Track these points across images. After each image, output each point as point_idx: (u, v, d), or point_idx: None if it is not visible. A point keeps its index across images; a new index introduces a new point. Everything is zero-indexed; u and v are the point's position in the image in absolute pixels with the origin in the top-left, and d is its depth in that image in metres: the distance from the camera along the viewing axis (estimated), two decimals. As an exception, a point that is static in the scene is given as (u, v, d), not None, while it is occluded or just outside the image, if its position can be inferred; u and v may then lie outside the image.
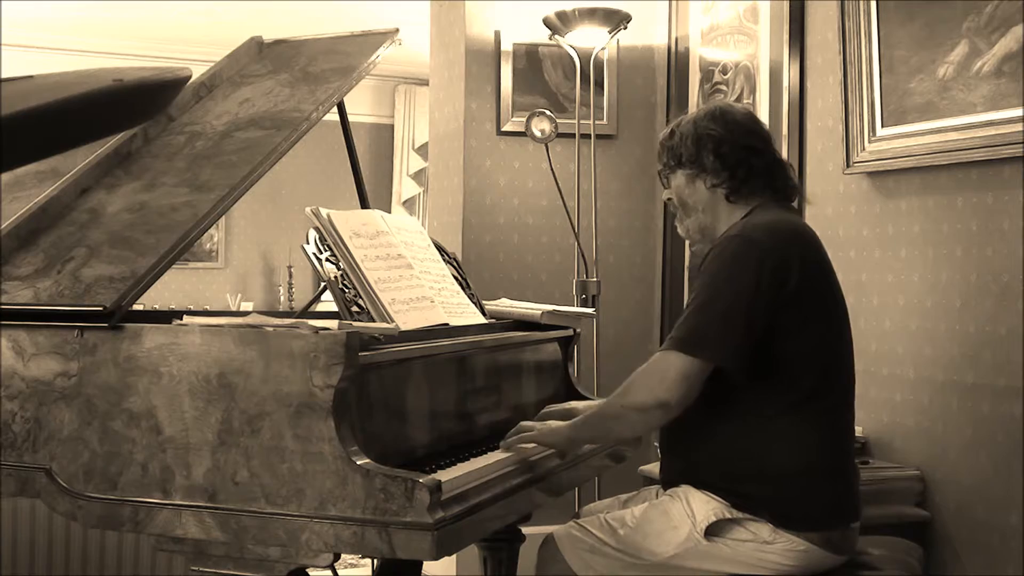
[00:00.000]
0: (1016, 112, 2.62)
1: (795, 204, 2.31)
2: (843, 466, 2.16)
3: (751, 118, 2.28)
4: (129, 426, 1.85)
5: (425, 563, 3.04)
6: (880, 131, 3.08)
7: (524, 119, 3.71)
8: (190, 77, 2.31)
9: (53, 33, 7.26)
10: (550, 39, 3.89)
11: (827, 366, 2.13)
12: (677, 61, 4.18)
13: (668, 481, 2.24)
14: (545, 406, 2.48)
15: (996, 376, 2.72)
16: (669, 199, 2.32)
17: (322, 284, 2.19)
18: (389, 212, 5.21)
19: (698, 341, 2.04)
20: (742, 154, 2.20)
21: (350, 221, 2.24)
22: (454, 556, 3.70)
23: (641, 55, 4.27)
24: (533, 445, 2.21)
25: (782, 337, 2.06)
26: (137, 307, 2.38)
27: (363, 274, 2.17)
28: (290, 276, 8.13)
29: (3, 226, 2.14)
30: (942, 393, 2.89)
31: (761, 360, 2.06)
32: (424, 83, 7.10)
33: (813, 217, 3.36)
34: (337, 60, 2.59)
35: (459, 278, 2.59)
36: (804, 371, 2.09)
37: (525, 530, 2.72)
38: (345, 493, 1.72)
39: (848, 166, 3.19)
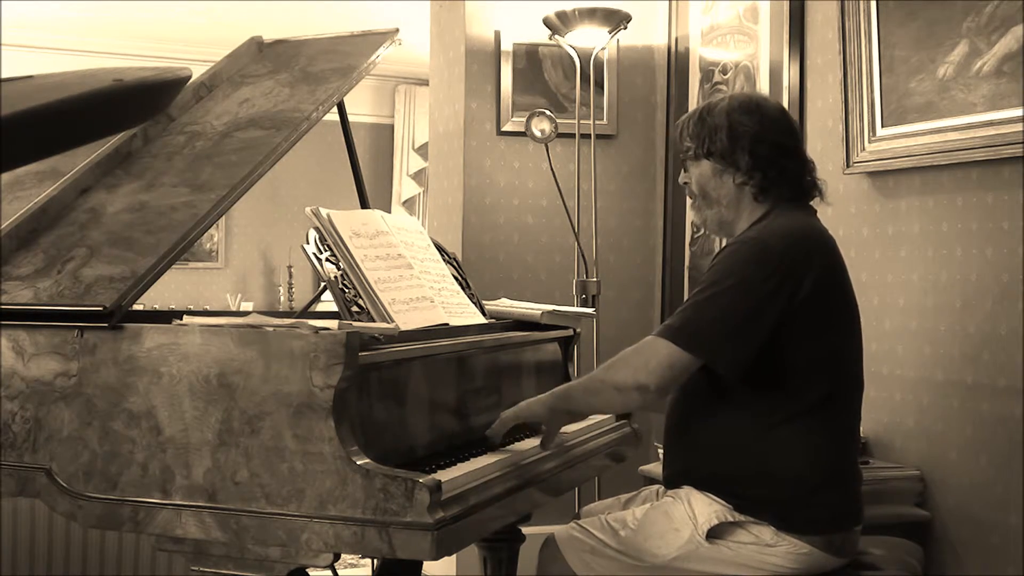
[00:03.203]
0: (1016, 112, 2.62)
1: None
2: (847, 471, 2.16)
3: (784, 114, 2.24)
4: (129, 426, 1.85)
5: (425, 563, 3.04)
6: (880, 131, 3.08)
7: (524, 119, 3.71)
8: (190, 77, 2.30)
9: (53, 33, 7.26)
10: (550, 39, 3.90)
11: (836, 374, 2.11)
12: (677, 61, 4.19)
13: (670, 478, 2.23)
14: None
15: (996, 376, 2.72)
16: (686, 184, 2.28)
17: (322, 284, 2.19)
18: (389, 212, 5.21)
19: (691, 335, 2.03)
20: (777, 154, 2.16)
21: (350, 221, 2.24)
22: (454, 556, 3.70)
23: (641, 55, 4.27)
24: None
25: (792, 345, 2.05)
26: (137, 307, 2.38)
27: (363, 274, 2.17)
28: (290, 276, 8.13)
29: (3, 226, 2.13)
30: (942, 393, 2.89)
31: (770, 367, 2.05)
32: (424, 83, 7.10)
33: (813, 217, 3.36)
34: (337, 60, 2.59)
35: (459, 278, 2.59)
36: (813, 379, 2.07)
37: (525, 530, 2.72)
38: (345, 493, 1.71)
39: (848, 166, 3.19)
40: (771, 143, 2.16)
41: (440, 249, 2.60)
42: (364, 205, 2.78)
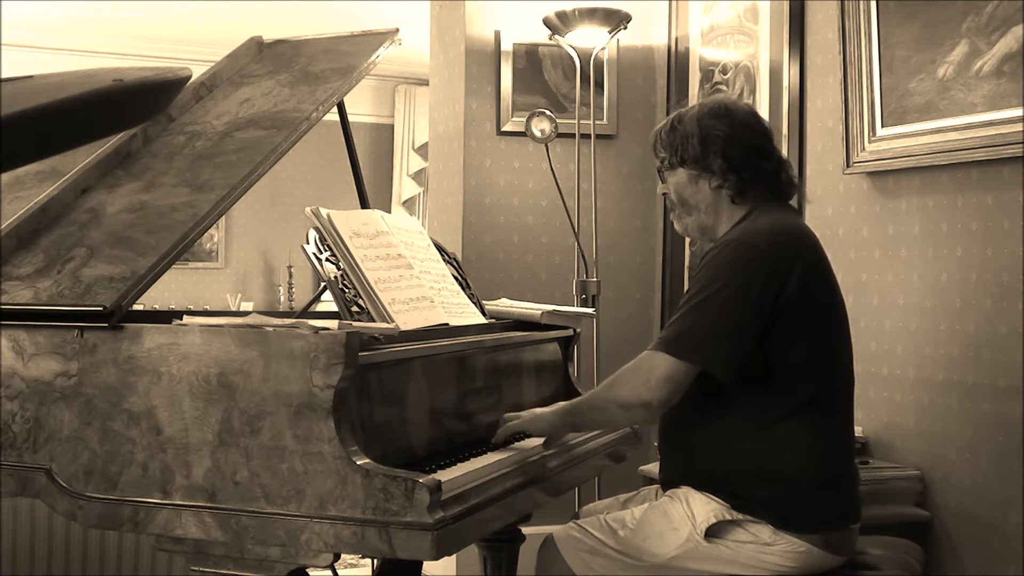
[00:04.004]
0: (1016, 112, 2.62)
1: (795, 202, 2.30)
2: (844, 469, 2.16)
3: (754, 116, 2.25)
4: (129, 426, 1.85)
5: (425, 563, 3.04)
6: (880, 131, 3.08)
7: (524, 119, 3.71)
8: (190, 77, 2.30)
9: (53, 33, 7.26)
10: (550, 39, 3.89)
11: (827, 371, 2.12)
12: (677, 61, 4.19)
13: (667, 482, 2.24)
14: (544, 406, 2.48)
15: (996, 376, 2.72)
16: (665, 194, 2.30)
17: (322, 284, 2.19)
18: (389, 212, 5.21)
19: (686, 344, 2.04)
20: (749, 156, 2.17)
21: (350, 221, 2.24)
22: (454, 556, 3.70)
23: (641, 55, 4.27)
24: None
25: (781, 343, 2.05)
26: (137, 307, 2.38)
27: (363, 274, 2.17)
28: (290, 276, 8.13)
29: (3, 226, 2.14)
30: (942, 393, 2.89)
31: (761, 366, 2.05)
32: (424, 83, 7.10)
33: (813, 217, 3.36)
34: (337, 60, 2.59)
35: (459, 278, 2.59)
36: (804, 376, 2.08)
37: (525, 530, 2.72)
38: (345, 493, 1.72)
39: (848, 166, 3.19)
40: (743, 145, 2.17)
41: (440, 249, 2.60)
42: (364, 205, 2.78)
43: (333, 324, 1.80)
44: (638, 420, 2.22)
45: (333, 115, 2.56)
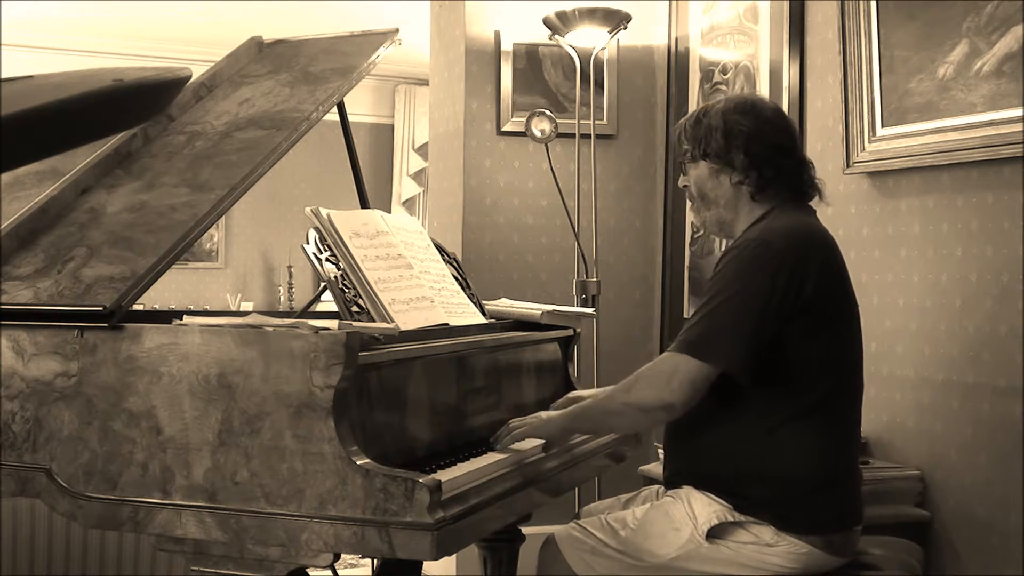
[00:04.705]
0: (1016, 112, 2.62)
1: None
2: (847, 471, 2.16)
3: (780, 114, 2.24)
4: (129, 426, 1.85)
5: (425, 563, 3.04)
6: (880, 131, 3.08)
7: (524, 119, 3.71)
8: (190, 77, 2.30)
9: (53, 33, 7.26)
10: (550, 39, 3.90)
11: (838, 374, 2.11)
12: (677, 61, 4.19)
13: (670, 480, 2.23)
14: (544, 406, 2.48)
15: (996, 376, 2.72)
16: (686, 186, 2.29)
17: (322, 284, 2.19)
18: (389, 212, 5.21)
19: (708, 345, 2.03)
20: (771, 153, 2.16)
21: (350, 221, 2.24)
22: (454, 556, 3.70)
23: (641, 55, 4.27)
24: (529, 444, 2.21)
25: (795, 344, 2.05)
26: (137, 307, 2.38)
27: (363, 274, 2.17)
28: (290, 276, 8.13)
29: (3, 226, 2.13)
30: (942, 393, 2.89)
31: (772, 367, 2.05)
32: (424, 83, 7.10)
33: (813, 217, 3.36)
34: (337, 60, 2.59)
35: (459, 278, 2.59)
36: (815, 379, 2.07)
37: (525, 530, 2.72)
38: (345, 493, 1.72)
39: (848, 166, 3.19)
40: (766, 142, 2.16)
41: (440, 249, 2.60)
42: (364, 205, 2.78)
43: (333, 324, 1.80)
44: (657, 422, 2.19)
45: (333, 115, 2.56)
